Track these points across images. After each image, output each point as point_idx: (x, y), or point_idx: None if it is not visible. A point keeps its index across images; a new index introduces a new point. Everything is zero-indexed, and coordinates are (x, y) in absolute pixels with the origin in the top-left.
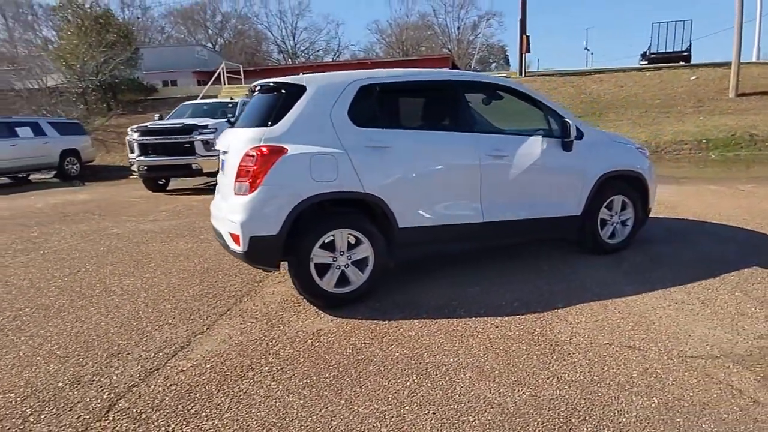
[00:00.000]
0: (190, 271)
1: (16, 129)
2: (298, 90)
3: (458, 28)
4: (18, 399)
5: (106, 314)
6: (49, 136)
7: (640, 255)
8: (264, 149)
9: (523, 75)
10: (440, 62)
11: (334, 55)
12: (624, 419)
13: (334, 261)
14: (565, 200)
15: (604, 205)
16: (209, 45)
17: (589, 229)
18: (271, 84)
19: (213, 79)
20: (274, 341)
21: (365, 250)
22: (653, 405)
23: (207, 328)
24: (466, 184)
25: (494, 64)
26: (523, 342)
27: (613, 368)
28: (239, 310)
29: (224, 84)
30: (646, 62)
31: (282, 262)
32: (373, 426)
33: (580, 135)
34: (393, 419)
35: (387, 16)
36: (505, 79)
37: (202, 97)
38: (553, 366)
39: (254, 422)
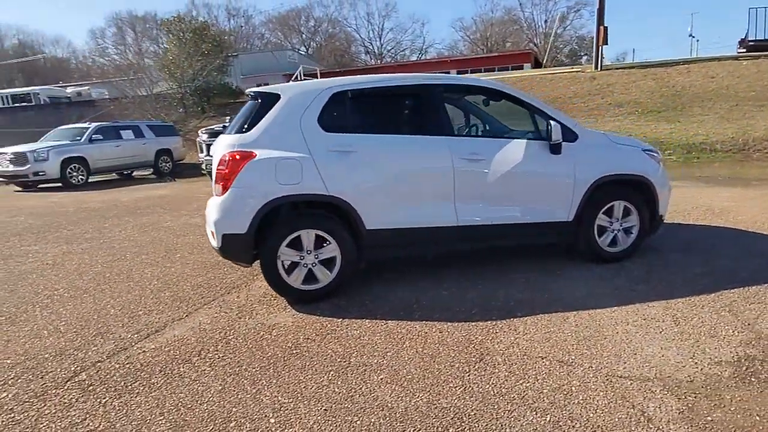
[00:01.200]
0: (204, 263)
1: (121, 132)
2: (273, 98)
3: (545, 21)
4: (9, 365)
5: (116, 298)
6: (147, 137)
7: (644, 265)
8: (234, 154)
9: (599, 69)
10: (521, 58)
11: (419, 54)
12: None
13: (301, 259)
14: (552, 205)
15: (602, 211)
16: (302, 49)
17: (583, 237)
18: (252, 93)
19: (291, 81)
20: (232, 331)
21: (332, 250)
22: (542, 422)
23: (186, 316)
24: (438, 187)
25: (585, 57)
26: (456, 349)
27: (528, 382)
28: (222, 301)
29: None
30: (744, 50)
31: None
32: (265, 415)
33: (572, 137)
34: (286, 411)
35: (472, 12)
36: (489, 81)
37: None
38: (469, 375)
39: (171, 401)
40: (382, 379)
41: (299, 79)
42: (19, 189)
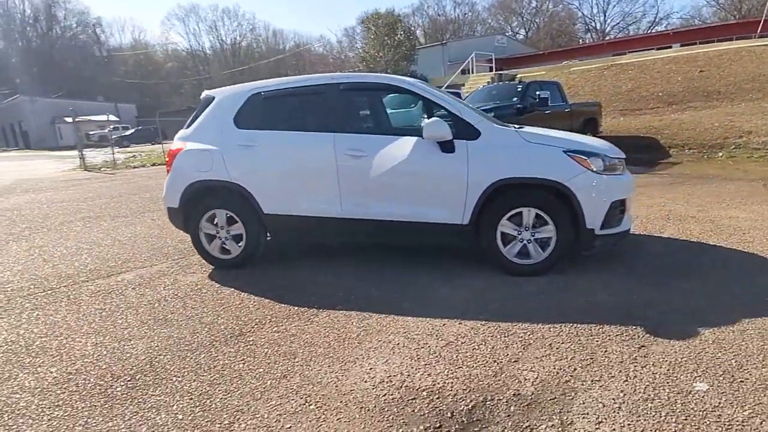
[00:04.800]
0: None
1: None
2: (210, 100)
3: None
4: (1, 282)
5: (128, 251)
6: None
7: (546, 284)
8: (174, 146)
9: None
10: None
11: (650, 26)
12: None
13: (217, 233)
14: (442, 206)
15: (506, 217)
16: (521, 31)
17: (485, 243)
18: (202, 96)
19: (461, 68)
20: (151, 281)
21: (239, 227)
22: (172, 388)
23: (150, 266)
24: (324, 180)
25: None
26: (241, 324)
27: (228, 362)
28: (184, 259)
29: (472, 73)
30: None
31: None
32: (57, 337)
33: (472, 135)
34: (76, 341)
35: None
36: (393, 77)
37: (447, 87)
38: (204, 345)
39: (42, 320)
40: (165, 333)
41: (471, 65)
42: None
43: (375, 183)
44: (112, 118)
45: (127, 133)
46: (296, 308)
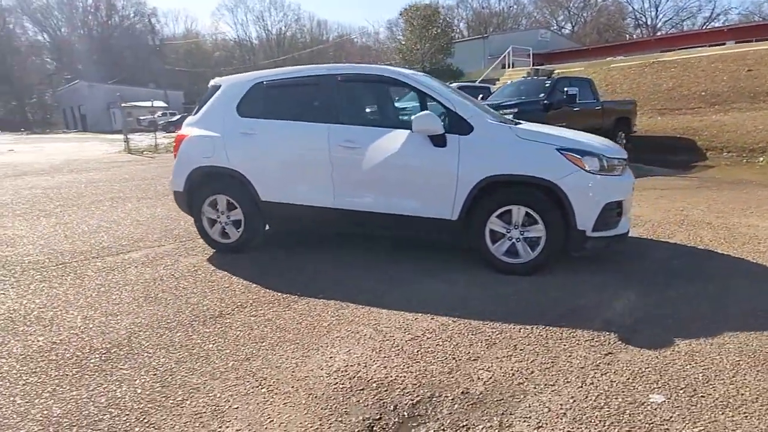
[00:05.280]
0: None
1: None
2: (217, 88)
3: None
4: (22, 255)
5: (140, 232)
6: None
7: (534, 284)
8: (180, 132)
9: None
10: None
11: (705, 23)
12: None
13: (218, 218)
14: (432, 200)
15: (495, 214)
16: (567, 25)
17: (473, 240)
18: (209, 84)
19: (497, 63)
20: (154, 261)
21: (238, 213)
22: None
23: (158, 246)
24: (318, 170)
25: None
26: (224, 306)
27: (200, 341)
28: (191, 242)
29: (509, 67)
30: None
31: None
32: (53, 308)
33: (465, 129)
34: (70, 313)
35: None
36: (387, 68)
37: (481, 81)
38: (186, 323)
39: (42, 298)
40: (151, 310)
41: (507, 59)
42: None
43: (367, 175)
44: (160, 104)
45: (174, 119)
46: (279, 294)
